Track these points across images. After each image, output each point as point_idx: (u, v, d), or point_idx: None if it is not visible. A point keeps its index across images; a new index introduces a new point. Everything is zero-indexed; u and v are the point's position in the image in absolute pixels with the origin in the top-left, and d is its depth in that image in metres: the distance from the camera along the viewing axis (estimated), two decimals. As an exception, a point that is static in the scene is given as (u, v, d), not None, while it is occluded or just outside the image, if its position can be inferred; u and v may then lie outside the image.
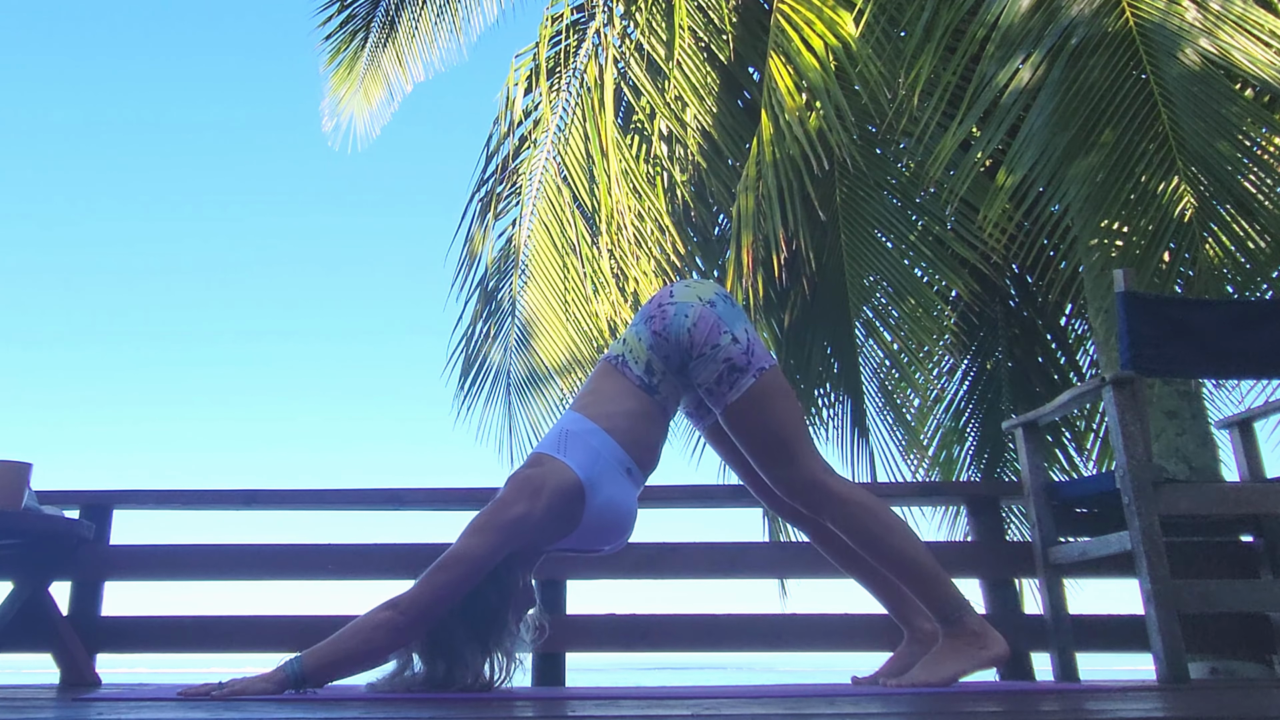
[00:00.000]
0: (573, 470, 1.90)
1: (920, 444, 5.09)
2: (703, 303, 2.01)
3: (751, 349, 2.00)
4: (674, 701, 1.58)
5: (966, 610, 1.99)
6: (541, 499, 1.87)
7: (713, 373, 1.97)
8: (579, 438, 1.95)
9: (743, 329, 2.01)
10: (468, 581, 1.82)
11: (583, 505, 1.91)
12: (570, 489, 1.89)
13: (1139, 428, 2.29)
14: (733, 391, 1.96)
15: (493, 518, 1.86)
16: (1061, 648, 2.52)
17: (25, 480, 2.56)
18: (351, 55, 6.42)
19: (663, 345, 2.00)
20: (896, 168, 4.85)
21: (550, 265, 5.44)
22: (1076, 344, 5.31)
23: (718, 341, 1.97)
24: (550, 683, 2.78)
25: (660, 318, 2.02)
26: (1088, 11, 3.37)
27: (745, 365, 1.97)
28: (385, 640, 1.80)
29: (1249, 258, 3.21)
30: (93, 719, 1.31)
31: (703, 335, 1.97)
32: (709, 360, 1.97)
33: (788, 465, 2.00)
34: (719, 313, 2.01)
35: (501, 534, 1.84)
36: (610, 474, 1.94)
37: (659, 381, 2.01)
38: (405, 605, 1.80)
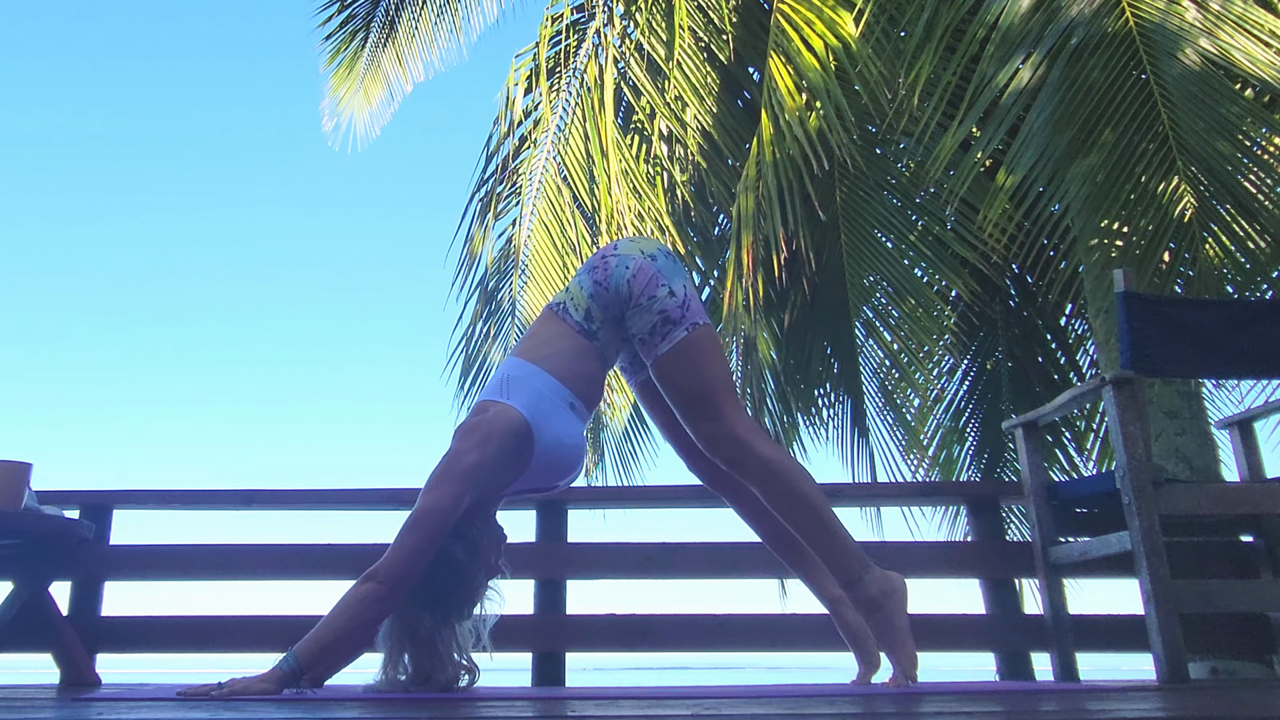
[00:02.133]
0: (518, 410, 1.93)
1: (920, 444, 5.09)
2: (645, 256, 2.06)
3: (687, 304, 2.03)
4: (674, 701, 1.58)
5: (868, 569, 2.00)
6: (492, 442, 1.90)
7: (647, 323, 2.01)
8: (520, 381, 1.99)
9: (681, 284, 2.05)
10: (437, 537, 1.85)
11: (532, 444, 1.94)
12: (518, 428, 1.92)
13: (1139, 428, 2.29)
14: (664, 343, 2.00)
15: (448, 469, 1.89)
16: (1061, 648, 2.52)
17: (25, 480, 2.56)
18: (351, 55, 6.42)
19: (602, 294, 2.04)
20: (896, 168, 4.85)
21: (550, 265, 5.44)
22: (1076, 344, 5.31)
23: (654, 293, 2.01)
24: (550, 683, 2.78)
25: (603, 268, 2.06)
26: (1088, 11, 3.37)
27: (679, 319, 2.01)
28: (372, 612, 1.82)
29: (1249, 258, 3.21)
30: (93, 719, 1.31)
31: (640, 286, 2.01)
32: (644, 310, 2.01)
33: (712, 419, 2.02)
34: (659, 266, 2.05)
35: (460, 483, 1.87)
36: (555, 411, 1.97)
37: (598, 328, 2.05)
38: (383, 573, 1.82)
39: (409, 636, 1.90)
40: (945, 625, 2.82)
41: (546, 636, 2.85)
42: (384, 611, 1.84)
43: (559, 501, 3.01)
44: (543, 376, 1.99)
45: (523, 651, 2.84)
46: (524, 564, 2.94)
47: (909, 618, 1.99)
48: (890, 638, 1.98)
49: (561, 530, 2.99)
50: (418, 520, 1.86)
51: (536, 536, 2.99)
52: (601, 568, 2.96)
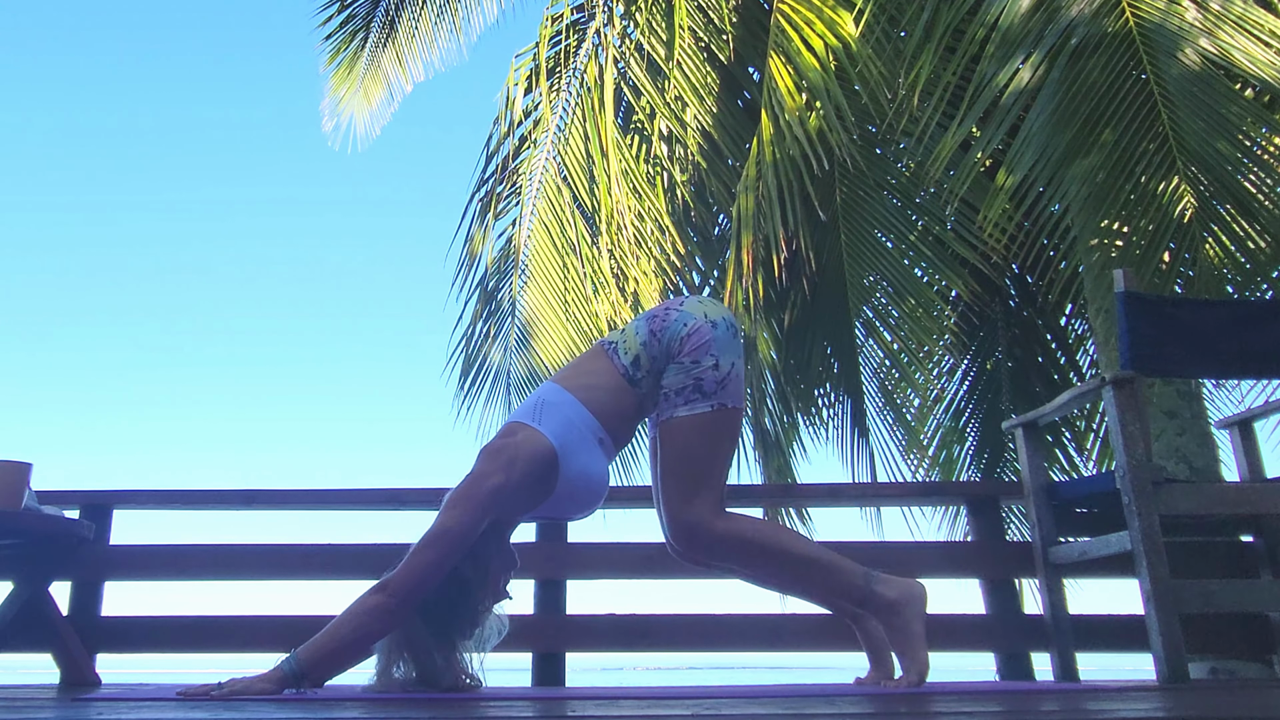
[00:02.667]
0: (546, 437, 1.92)
1: (920, 444, 5.09)
2: (706, 320, 2.01)
3: (726, 383, 1.98)
4: (674, 701, 1.58)
5: (873, 580, 1.98)
6: (517, 467, 1.89)
7: (680, 382, 1.97)
8: (554, 407, 1.97)
9: (730, 361, 2.00)
10: (452, 556, 1.84)
11: (556, 472, 1.93)
12: (544, 455, 1.91)
13: (1139, 428, 2.29)
14: (684, 407, 1.96)
15: (470, 490, 1.88)
16: (1061, 648, 2.52)
17: (25, 480, 2.56)
18: (351, 55, 6.42)
19: (654, 345, 2.01)
20: (896, 168, 4.85)
21: (550, 265, 5.44)
22: (1076, 344, 5.31)
23: (699, 359, 1.97)
24: (550, 683, 2.78)
25: (662, 319, 2.03)
26: (1088, 11, 3.37)
27: (711, 392, 1.96)
28: (378, 625, 1.82)
29: (1249, 258, 3.21)
30: (93, 719, 1.30)
31: (691, 346, 1.98)
32: (683, 370, 1.97)
33: (687, 502, 1.97)
34: (716, 335, 2.00)
35: (481, 505, 1.86)
36: (583, 442, 1.96)
37: (642, 377, 2.02)
38: (394, 587, 1.81)
39: (407, 646, 1.90)
40: (945, 625, 2.82)
41: (546, 636, 2.85)
42: (390, 625, 1.83)
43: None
44: (576, 407, 1.97)
45: (523, 651, 2.84)
46: (524, 564, 2.93)
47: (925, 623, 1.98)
48: (904, 643, 1.97)
49: (561, 530, 2.99)
50: (435, 538, 1.84)
51: (536, 536, 2.99)
52: (601, 568, 2.96)
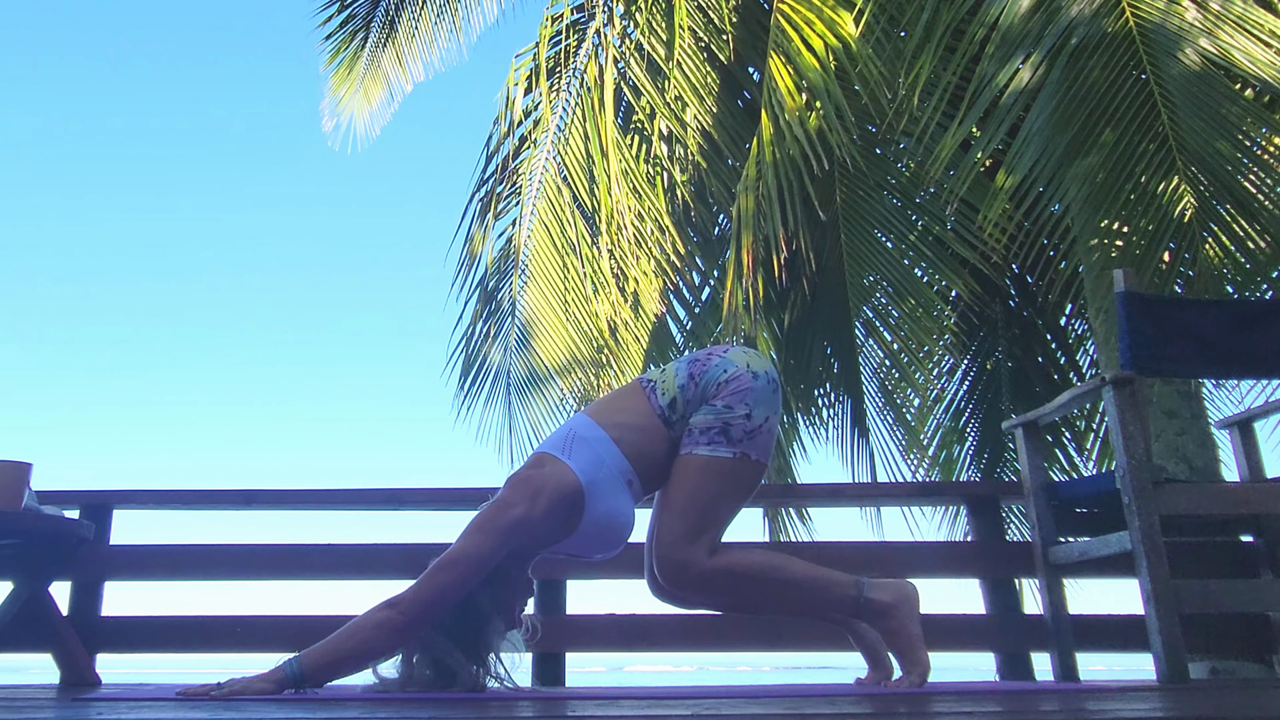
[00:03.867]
0: (574, 473, 1.90)
1: (920, 444, 5.09)
2: (748, 370, 1.98)
3: (754, 435, 1.94)
4: (674, 701, 1.58)
5: (865, 588, 1.96)
6: (542, 500, 1.86)
7: (707, 421, 1.94)
8: (586, 443, 1.94)
9: (764, 414, 1.95)
10: (468, 582, 1.83)
11: (581, 511, 1.90)
12: (570, 492, 1.89)
13: (1139, 428, 2.29)
14: (706, 447, 1.93)
15: (493, 519, 1.86)
16: (1061, 648, 2.52)
17: (25, 480, 2.56)
18: (351, 55, 6.42)
19: (690, 389, 1.97)
20: (896, 168, 4.85)
21: (550, 265, 5.44)
22: (1076, 344, 5.31)
23: (732, 404, 1.93)
24: (550, 683, 2.78)
25: (703, 363, 2.00)
26: (1088, 12, 3.37)
27: (737, 439, 1.92)
28: (385, 640, 1.80)
29: (1249, 258, 3.21)
30: (93, 719, 1.30)
31: (728, 391, 1.94)
32: (714, 412, 1.94)
33: (682, 540, 1.94)
34: (756, 386, 1.96)
35: (502, 535, 1.85)
36: (611, 482, 1.93)
37: (677, 419, 1.98)
38: (405, 605, 1.80)
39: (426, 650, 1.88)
40: (945, 625, 2.82)
41: (546, 636, 2.82)
42: (397, 642, 1.82)
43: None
44: (608, 445, 1.94)
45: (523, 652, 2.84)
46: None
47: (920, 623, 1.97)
48: (902, 644, 1.96)
49: (561, 530, 2.98)
50: (454, 562, 1.82)
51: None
52: (601, 568, 2.95)
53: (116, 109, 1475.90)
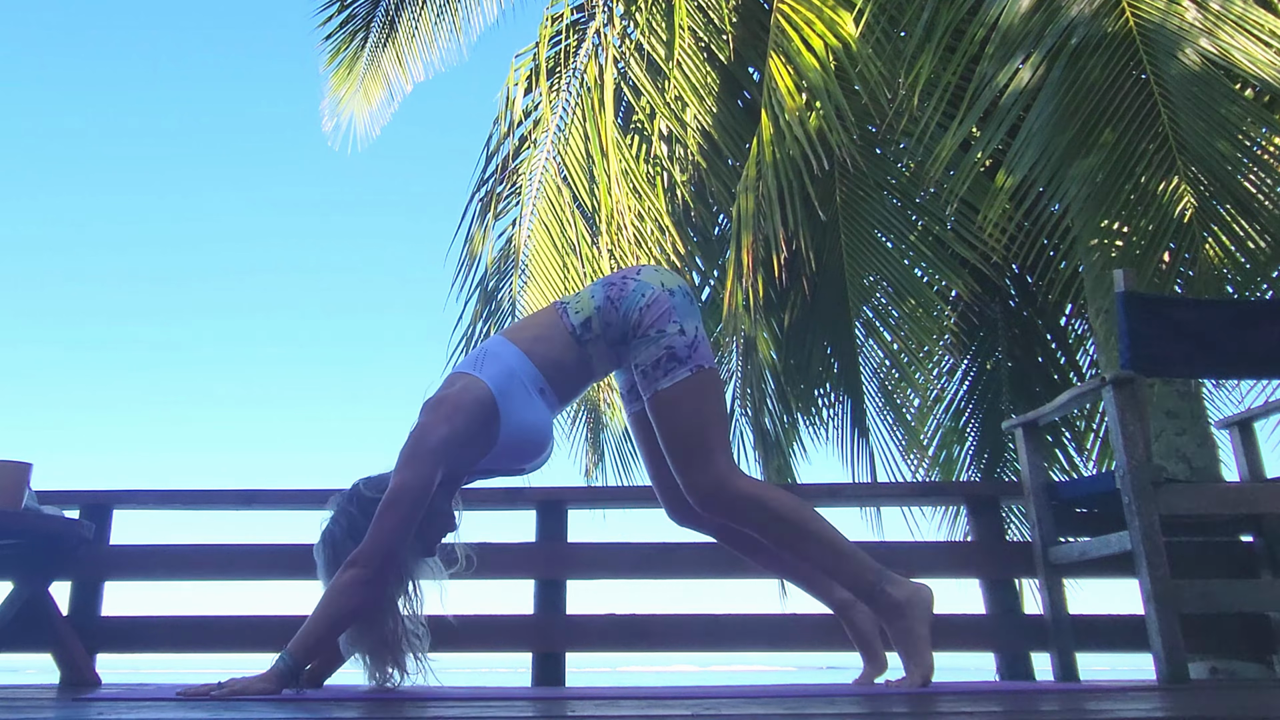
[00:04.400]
0: (486, 385, 1.94)
1: (920, 444, 5.09)
2: (664, 289, 2.03)
3: (696, 345, 1.99)
4: (674, 701, 1.58)
5: (885, 579, 1.99)
6: (459, 417, 1.91)
7: (652, 355, 1.98)
8: (497, 357, 2.00)
9: (693, 325, 2.02)
10: (414, 515, 1.87)
11: (498, 420, 1.94)
12: (485, 402, 1.93)
13: (1139, 428, 2.29)
14: (666, 379, 1.97)
15: (418, 446, 1.89)
16: (1061, 648, 2.52)
17: (25, 480, 2.56)
18: (351, 55, 6.42)
19: (610, 312, 2.01)
20: (896, 168, 4.85)
21: (550, 265, 5.44)
22: (1076, 344, 5.31)
23: (664, 328, 1.98)
24: (550, 683, 2.78)
25: (620, 287, 2.04)
26: (1088, 12, 3.37)
27: (685, 357, 1.97)
28: (358, 597, 1.84)
29: (1249, 258, 3.21)
30: (93, 719, 1.30)
31: (653, 317, 1.99)
32: (651, 342, 1.98)
33: (702, 469, 1.98)
34: (675, 303, 2.01)
35: (431, 459, 1.89)
36: (523, 391, 1.98)
37: (590, 339, 2.03)
38: (365, 557, 1.83)
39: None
40: (945, 625, 2.80)
41: (546, 636, 2.85)
42: (370, 595, 1.86)
43: (559, 501, 3.01)
44: (519, 357, 2.00)
45: (523, 651, 2.84)
46: (524, 564, 2.94)
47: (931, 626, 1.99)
48: (909, 645, 1.97)
49: (561, 530, 2.99)
50: (394, 501, 1.86)
51: (536, 536, 2.99)
52: (601, 568, 2.96)
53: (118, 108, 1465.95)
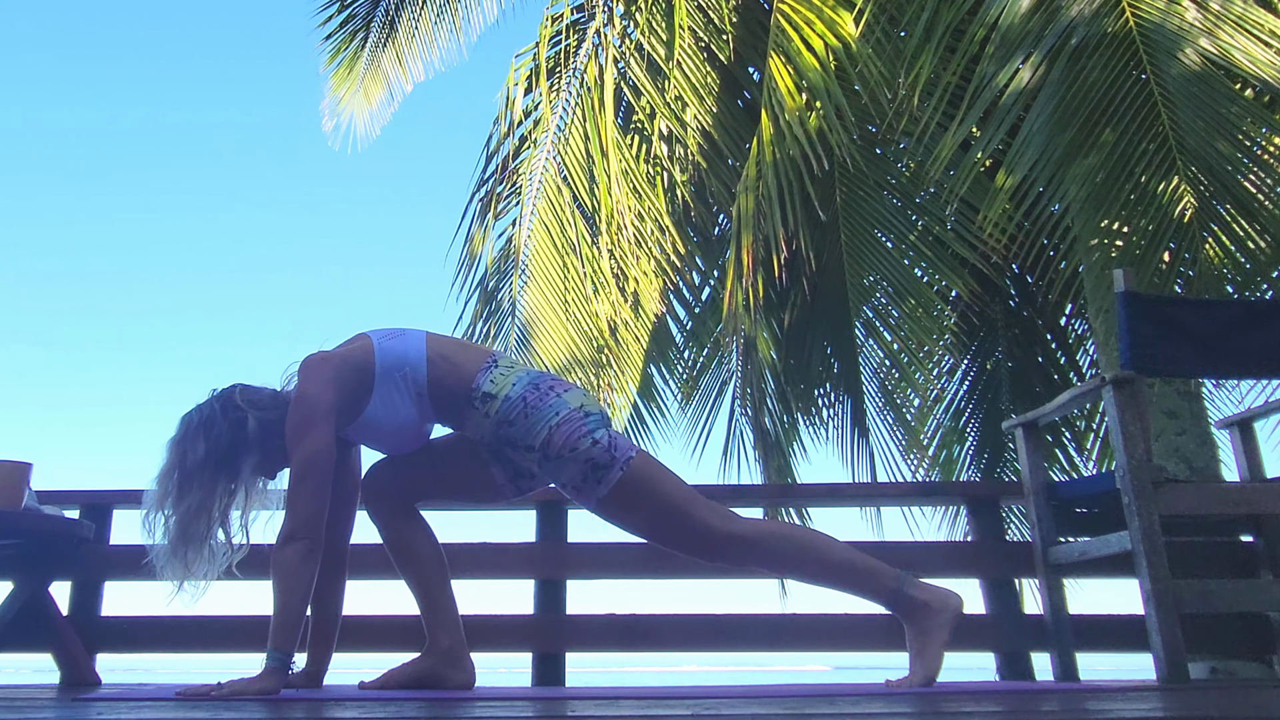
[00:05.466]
0: (374, 356, 1.99)
1: (920, 444, 5.09)
2: (581, 411, 1.99)
3: (614, 444, 1.97)
4: (674, 701, 1.58)
5: (906, 584, 2.01)
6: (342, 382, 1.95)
7: (577, 473, 1.96)
8: (405, 342, 2.03)
9: (604, 433, 1.99)
10: (327, 475, 1.91)
11: (369, 396, 1.98)
12: (364, 368, 1.98)
13: (1139, 428, 2.29)
14: (601, 486, 1.96)
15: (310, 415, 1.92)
16: (1061, 648, 2.52)
17: (25, 480, 2.56)
18: (351, 55, 6.42)
19: (518, 412, 1.97)
20: (896, 168, 4.85)
21: (550, 265, 5.44)
22: (1076, 344, 5.31)
23: (577, 445, 1.95)
24: (550, 683, 2.77)
25: (543, 394, 1.99)
26: (1088, 12, 3.37)
27: (608, 462, 1.95)
28: (310, 567, 1.87)
29: (1249, 258, 3.21)
30: (93, 719, 1.31)
31: (563, 436, 1.95)
32: (569, 461, 1.96)
33: (687, 534, 1.99)
34: (588, 422, 1.98)
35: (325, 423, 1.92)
36: (403, 385, 2.00)
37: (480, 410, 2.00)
38: (299, 529, 1.86)
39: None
40: (945, 625, 2.82)
41: (546, 636, 2.85)
42: (318, 562, 1.89)
43: (559, 501, 3.01)
44: (421, 358, 2.02)
45: (523, 651, 2.84)
46: (524, 564, 2.94)
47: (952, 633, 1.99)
48: (920, 646, 1.99)
49: (561, 530, 2.98)
50: (304, 472, 1.89)
51: (536, 536, 2.99)
52: (601, 568, 2.96)
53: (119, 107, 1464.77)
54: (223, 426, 1.97)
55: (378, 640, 2.78)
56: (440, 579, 2.13)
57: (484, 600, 3.61)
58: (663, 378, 5.71)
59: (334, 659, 2.17)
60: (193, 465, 1.96)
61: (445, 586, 2.14)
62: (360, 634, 2.73)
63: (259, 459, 2.00)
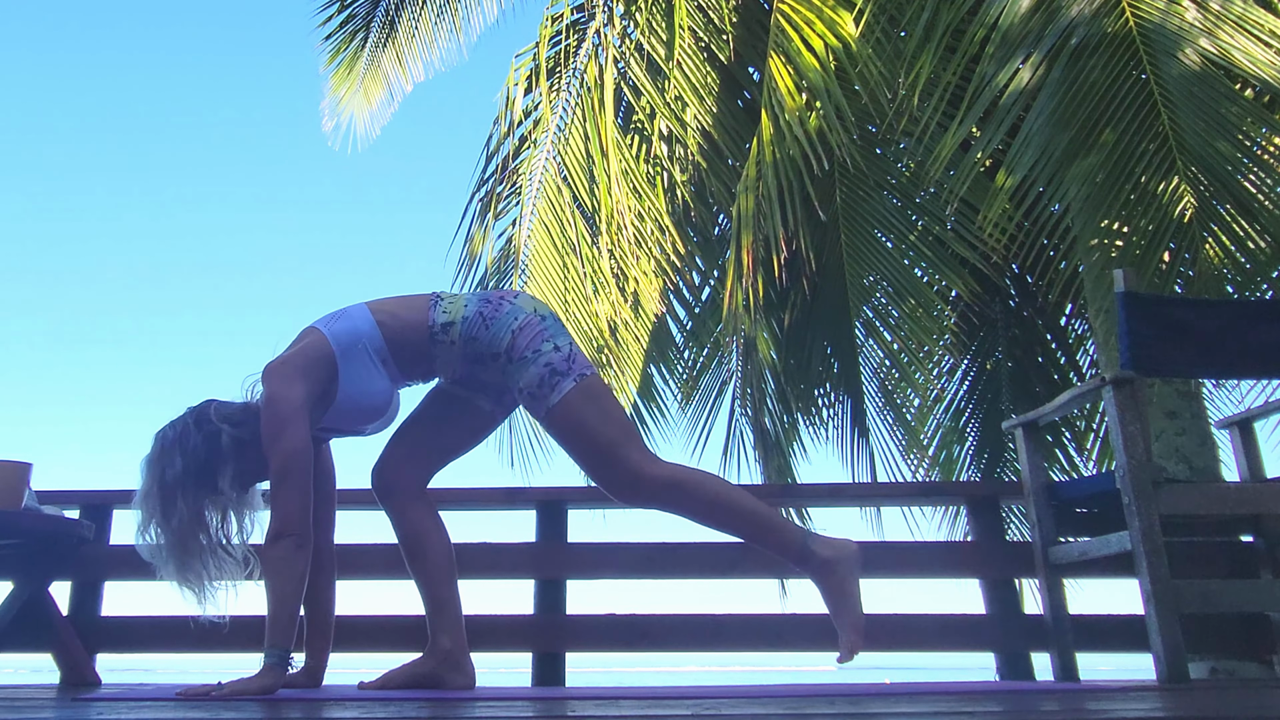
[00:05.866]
0: (329, 342, 2.01)
1: (920, 444, 5.09)
2: (536, 315, 2.05)
3: (574, 356, 2.02)
4: (674, 701, 1.58)
5: (810, 539, 2.03)
6: (307, 375, 1.97)
7: (534, 376, 1.99)
8: (350, 319, 2.05)
9: (566, 341, 2.04)
10: (306, 474, 1.92)
11: (336, 381, 2.00)
12: (326, 359, 2.00)
13: (1139, 428, 2.29)
14: (554, 394, 1.98)
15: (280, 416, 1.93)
16: (1061, 648, 2.52)
17: (25, 480, 2.56)
18: (351, 55, 6.42)
19: (478, 327, 2.03)
20: (896, 168, 4.85)
21: (550, 265, 5.44)
22: (1076, 344, 5.31)
23: (539, 347, 2.00)
24: (550, 683, 2.78)
25: (495, 305, 2.06)
26: (1088, 12, 3.37)
27: (566, 370, 1.99)
28: (301, 563, 1.89)
29: (1249, 258, 3.21)
30: (93, 719, 1.31)
31: (526, 339, 2.01)
32: (530, 363, 2.00)
33: (614, 467, 2.00)
34: (547, 325, 2.04)
35: (296, 421, 1.93)
36: (364, 356, 2.02)
37: (443, 342, 2.05)
38: (286, 525, 1.88)
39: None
40: (945, 625, 2.82)
41: (546, 636, 2.85)
42: (308, 556, 1.91)
43: (559, 501, 3.01)
44: (370, 323, 2.04)
45: (523, 651, 2.84)
46: (524, 564, 2.94)
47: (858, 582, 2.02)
48: (838, 601, 2.01)
49: (561, 530, 2.99)
50: (284, 470, 1.91)
51: (536, 536, 2.99)
52: (601, 568, 2.96)
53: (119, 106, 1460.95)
54: (197, 439, 1.99)
55: (378, 640, 2.79)
56: (448, 579, 2.14)
57: (484, 600, 3.61)
58: (663, 378, 5.71)
59: (334, 659, 2.17)
60: (172, 480, 1.96)
61: (452, 587, 2.15)
62: (360, 634, 2.73)
63: (236, 469, 2.01)
